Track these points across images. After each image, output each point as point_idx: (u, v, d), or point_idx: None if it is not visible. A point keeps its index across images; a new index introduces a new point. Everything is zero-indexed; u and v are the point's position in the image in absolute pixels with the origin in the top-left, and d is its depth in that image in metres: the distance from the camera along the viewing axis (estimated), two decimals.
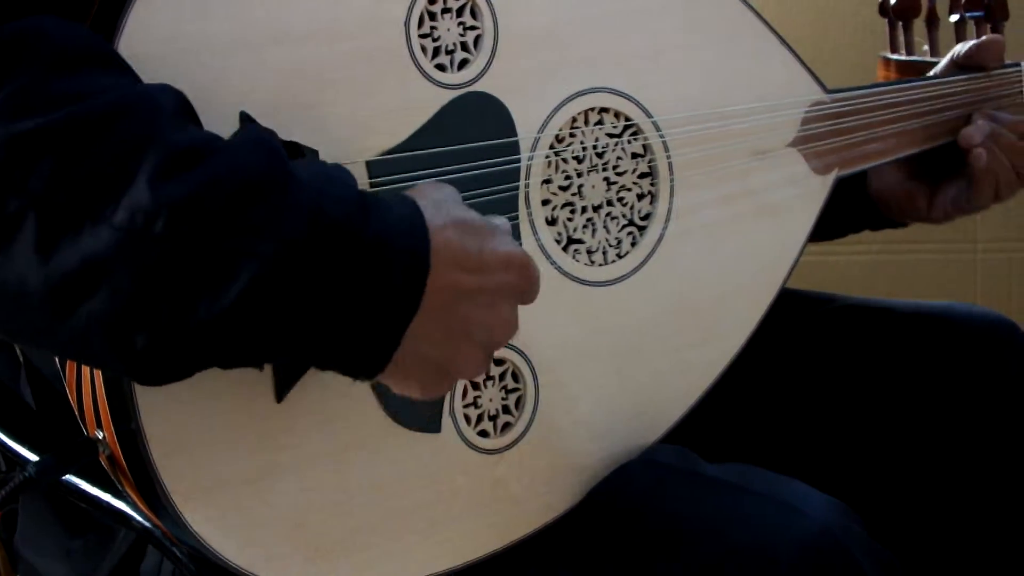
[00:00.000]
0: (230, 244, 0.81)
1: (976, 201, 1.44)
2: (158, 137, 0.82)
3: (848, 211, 1.46)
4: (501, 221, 0.97)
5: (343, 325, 0.86)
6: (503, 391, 1.10)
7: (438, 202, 0.93)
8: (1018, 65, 1.49)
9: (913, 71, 1.52)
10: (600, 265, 1.17)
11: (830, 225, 1.40)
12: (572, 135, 1.15)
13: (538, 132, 1.12)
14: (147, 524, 1.03)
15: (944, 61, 1.49)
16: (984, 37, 1.48)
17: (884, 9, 1.57)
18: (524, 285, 0.96)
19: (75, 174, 0.80)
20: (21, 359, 1.11)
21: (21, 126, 0.80)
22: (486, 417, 1.09)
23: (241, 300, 0.82)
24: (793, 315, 1.43)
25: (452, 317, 0.91)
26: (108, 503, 1.06)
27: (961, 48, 1.48)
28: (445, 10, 1.07)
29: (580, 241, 1.16)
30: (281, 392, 0.96)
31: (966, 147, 1.42)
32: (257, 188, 0.83)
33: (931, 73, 1.49)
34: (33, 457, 1.05)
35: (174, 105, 0.85)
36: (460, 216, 0.93)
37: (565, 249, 1.15)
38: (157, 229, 0.79)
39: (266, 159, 0.85)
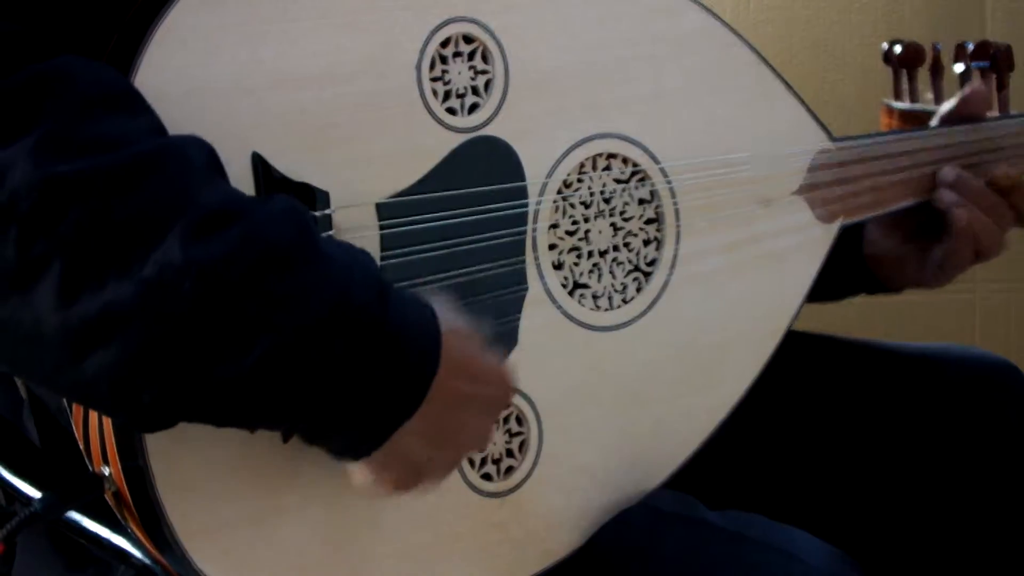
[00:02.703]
0: (254, 312, 0.82)
1: (956, 258, 1.40)
2: (190, 194, 0.82)
3: (844, 275, 1.45)
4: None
5: (345, 407, 0.87)
6: (507, 435, 1.11)
7: (444, 308, 0.94)
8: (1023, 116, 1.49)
9: (917, 120, 1.50)
10: (605, 310, 1.17)
11: (827, 288, 1.39)
12: (580, 180, 1.15)
13: (546, 177, 1.12)
14: (146, 561, 1.03)
15: (936, 118, 1.47)
16: (965, 90, 1.47)
17: (888, 57, 1.56)
18: (506, 401, 1.00)
19: (105, 224, 0.80)
20: (24, 394, 1.11)
21: (53, 170, 0.80)
22: (489, 460, 1.10)
23: (254, 369, 0.82)
24: (793, 357, 1.42)
25: (446, 421, 0.93)
26: (108, 539, 1.05)
27: (947, 106, 1.47)
28: (456, 54, 1.08)
29: (586, 286, 1.16)
30: (288, 433, 0.96)
31: (943, 208, 1.40)
32: (287, 259, 0.83)
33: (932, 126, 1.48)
34: (35, 493, 1.05)
35: (204, 159, 0.86)
36: (462, 324, 0.95)
37: (571, 294, 1.15)
38: (184, 288, 0.80)
39: (297, 230, 0.85)
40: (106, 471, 0.95)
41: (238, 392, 0.83)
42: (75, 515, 1.06)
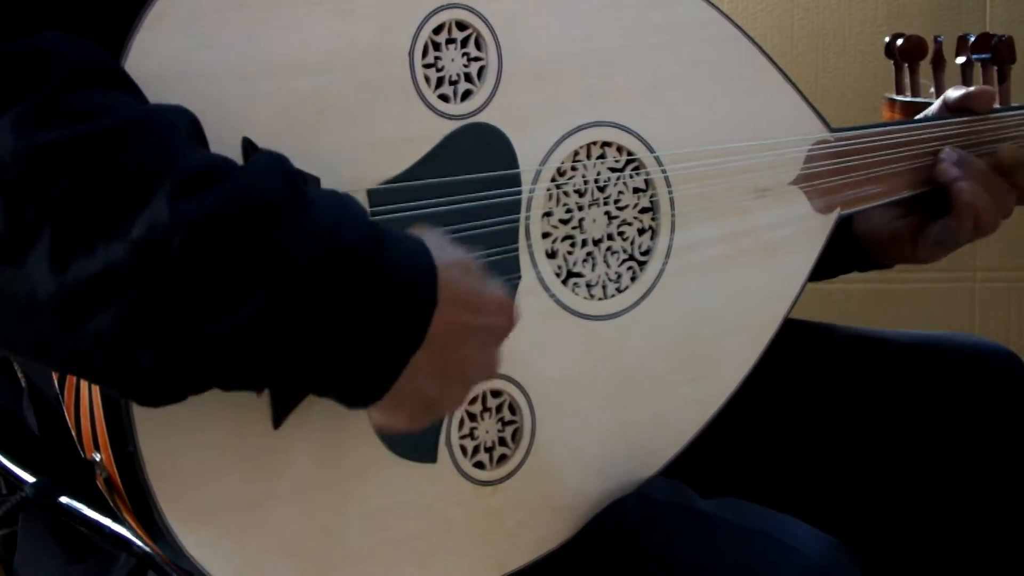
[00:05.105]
0: (246, 264, 0.82)
1: (955, 234, 1.40)
2: (176, 155, 0.82)
3: (835, 252, 1.45)
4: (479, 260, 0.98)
5: (350, 350, 0.87)
6: (500, 423, 1.11)
7: (438, 241, 0.94)
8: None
9: (918, 112, 1.50)
10: (600, 299, 1.17)
11: (820, 267, 1.39)
12: (574, 168, 1.15)
13: (540, 164, 1.12)
14: (147, 549, 1.03)
15: (936, 104, 1.48)
16: (974, 88, 1.46)
17: (890, 50, 1.56)
18: (509, 329, 0.99)
19: (93, 188, 0.80)
20: (23, 382, 1.11)
21: (40, 138, 0.80)
22: (482, 449, 1.10)
23: (253, 321, 0.82)
24: (792, 345, 1.42)
25: (451, 354, 0.93)
26: (109, 527, 1.06)
27: (952, 93, 1.47)
28: (450, 40, 1.07)
29: (580, 275, 1.16)
30: (279, 419, 0.96)
31: (946, 181, 1.40)
32: (276, 210, 0.83)
33: (923, 115, 1.48)
34: (32, 480, 1.05)
35: (188, 126, 0.86)
36: (460, 256, 0.94)
37: (565, 283, 1.15)
38: (174, 245, 0.80)
39: (283, 182, 0.85)
40: (97, 457, 0.95)
41: (238, 345, 0.83)
42: (76, 503, 1.07)
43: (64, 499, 1.07)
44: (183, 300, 0.81)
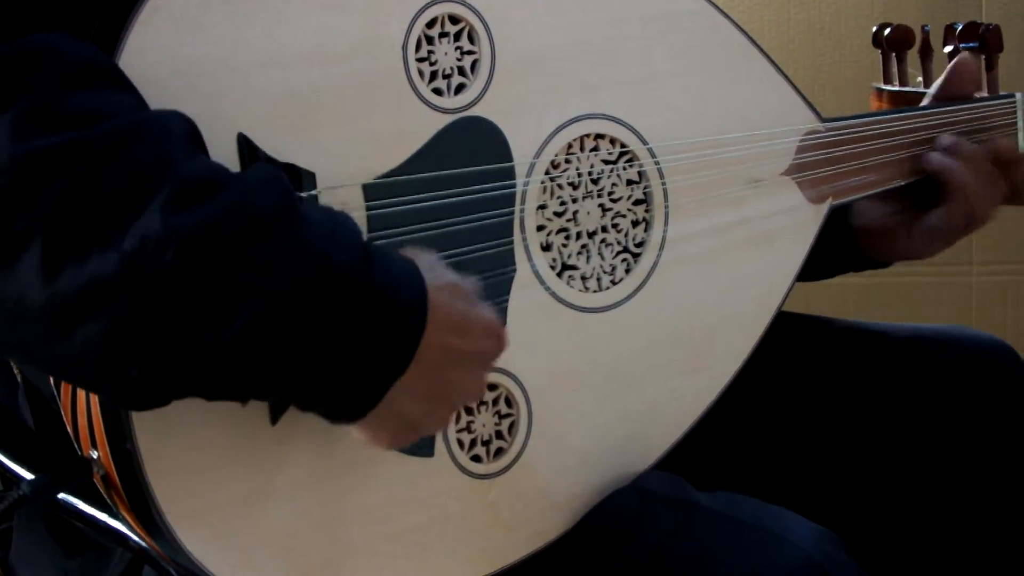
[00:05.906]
0: (237, 279, 0.82)
1: (949, 222, 1.39)
2: (170, 166, 0.82)
3: (830, 251, 1.45)
4: (472, 284, 0.98)
5: (335, 369, 0.87)
6: (496, 416, 1.11)
7: (430, 263, 0.94)
8: (1012, 96, 1.48)
9: (906, 102, 1.50)
10: (594, 292, 1.17)
11: (814, 266, 1.39)
12: (568, 161, 1.15)
13: (534, 157, 1.12)
14: (143, 544, 1.03)
15: (928, 96, 1.48)
16: (952, 61, 1.47)
17: (877, 40, 1.56)
18: (497, 354, 0.99)
19: (86, 196, 0.80)
20: (19, 378, 1.11)
21: (34, 144, 0.80)
22: (479, 442, 1.10)
23: (241, 336, 0.82)
24: (789, 338, 1.42)
25: (437, 377, 0.93)
26: (105, 523, 1.05)
27: (938, 83, 1.47)
28: (443, 34, 1.07)
29: (574, 267, 1.16)
30: (276, 415, 0.96)
31: (936, 168, 1.39)
32: (268, 226, 0.83)
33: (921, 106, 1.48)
34: (29, 476, 1.05)
35: (184, 132, 0.86)
36: (451, 279, 0.95)
37: (559, 275, 1.15)
38: (166, 258, 0.80)
39: (278, 198, 0.85)
40: (94, 454, 0.95)
41: (225, 360, 0.83)
42: (72, 499, 1.07)
43: (61, 494, 1.07)
44: (172, 313, 0.81)
